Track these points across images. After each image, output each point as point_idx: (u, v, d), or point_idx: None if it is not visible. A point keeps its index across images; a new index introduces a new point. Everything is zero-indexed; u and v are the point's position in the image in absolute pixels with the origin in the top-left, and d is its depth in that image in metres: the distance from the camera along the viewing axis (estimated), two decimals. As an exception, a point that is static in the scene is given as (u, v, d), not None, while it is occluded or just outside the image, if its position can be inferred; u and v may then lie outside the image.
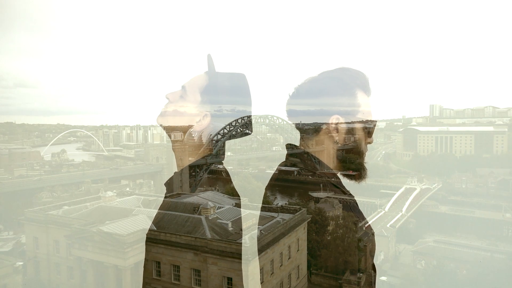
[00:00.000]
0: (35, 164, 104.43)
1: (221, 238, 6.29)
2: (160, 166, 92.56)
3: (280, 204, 5.91)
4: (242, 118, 3.74)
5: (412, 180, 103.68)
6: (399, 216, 78.38)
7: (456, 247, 64.75)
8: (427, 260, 61.19)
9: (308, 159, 3.66)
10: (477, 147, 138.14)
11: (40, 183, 74.63)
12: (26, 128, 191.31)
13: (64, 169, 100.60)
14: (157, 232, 4.85)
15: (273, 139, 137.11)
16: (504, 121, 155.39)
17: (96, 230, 32.03)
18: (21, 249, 45.59)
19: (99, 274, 33.32)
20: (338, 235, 4.54)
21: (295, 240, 5.11)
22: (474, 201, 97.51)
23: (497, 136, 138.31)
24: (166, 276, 4.91)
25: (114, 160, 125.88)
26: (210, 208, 6.09)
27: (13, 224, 53.99)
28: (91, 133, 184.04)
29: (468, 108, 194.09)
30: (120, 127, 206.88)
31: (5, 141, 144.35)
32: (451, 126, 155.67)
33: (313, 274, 4.53)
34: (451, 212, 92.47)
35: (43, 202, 55.72)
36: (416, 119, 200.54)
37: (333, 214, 4.58)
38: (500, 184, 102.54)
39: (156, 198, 42.31)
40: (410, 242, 70.51)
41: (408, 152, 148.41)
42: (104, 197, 41.50)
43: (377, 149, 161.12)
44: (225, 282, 5.53)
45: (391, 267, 61.17)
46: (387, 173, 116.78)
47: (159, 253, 4.81)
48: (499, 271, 53.49)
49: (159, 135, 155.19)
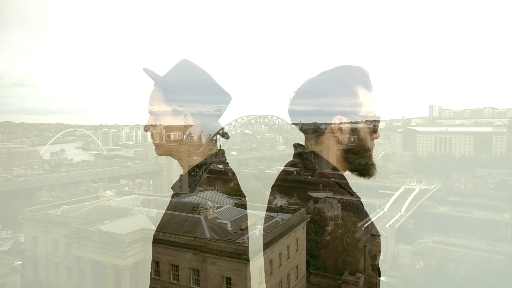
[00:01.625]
0: (34, 163, 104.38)
1: (220, 238, 6.30)
2: (159, 166, 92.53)
3: (279, 204, 5.92)
4: (242, 118, 3.72)
5: (411, 181, 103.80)
6: (398, 217, 78.49)
7: (455, 248, 64.87)
8: (426, 260, 61.29)
9: (308, 159, 3.65)
10: (476, 148, 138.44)
11: (39, 182, 74.58)
12: (25, 127, 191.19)
13: (63, 168, 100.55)
14: (156, 231, 4.85)
15: (273, 139, 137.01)
16: (503, 122, 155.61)
17: (95, 229, 32.03)
18: (19, 248, 45.54)
19: (98, 273, 33.31)
20: (337, 235, 4.54)
21: (294, 240, 5.11)
22: (473, 201, 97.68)
23: (496, 137, 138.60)
24: (165, 276, 4.90)
25: (113, 159, 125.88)
26: (209, 207, 6.09)
27: (12, 223, 53.93)
28: (90, 133, 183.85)
29: (467, 109, 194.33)
30: (120, 126, 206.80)
31: (4, 140, 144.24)
32: (450, 127, 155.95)
33: (312, 274, 4.53)
34: (450, 212, 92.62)
35: (42, 201, 55.67)
36: (415, 120, 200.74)
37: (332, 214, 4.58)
38: (499, 184, 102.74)
39: (155, 197, 42.33)
40: (409, 242, 70.61)
41: (407, 153, 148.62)
42: (103, 196, 41.52)
43: (376, 149, 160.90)
44: (224, 282, 5.54)
45: (390, 267, 61.24)
46: (386, 174, 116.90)
47: (158, 253, 4.81)
48: (498, 272, 53.59)
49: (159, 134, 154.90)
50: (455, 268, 57.75)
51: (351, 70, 3.32)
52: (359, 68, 3.32)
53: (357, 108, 3.27)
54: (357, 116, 3.29)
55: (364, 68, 3.32)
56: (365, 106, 3.27)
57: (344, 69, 3.35)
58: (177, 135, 3.48)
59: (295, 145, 3.85)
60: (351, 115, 3.30)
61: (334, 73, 3.36)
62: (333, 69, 3.39)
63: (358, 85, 3.28)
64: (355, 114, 3.29)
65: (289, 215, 5.51)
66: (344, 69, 3.35)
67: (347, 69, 3.34)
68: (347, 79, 3.30)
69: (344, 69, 3.35)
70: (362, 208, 4.01)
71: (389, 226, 72.20)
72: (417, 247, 67.10)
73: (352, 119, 3.31)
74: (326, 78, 3.36)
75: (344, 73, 3.33)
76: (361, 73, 3.31)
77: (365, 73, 3.32)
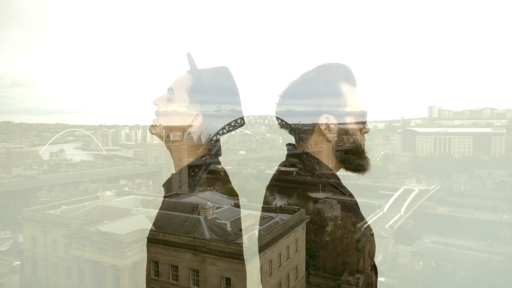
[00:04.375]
0: (33, 164, 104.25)
1: (220, 238, 6.29)
2: (159, 166, 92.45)
3: (279, 205, 5.92)
4: (242, 119, 3.72)
5: (411, 181, 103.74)
6: (397, 217, 78.44)
7: (454, 248, 64.81)
8: (425, 261, 61.26)
9: (307, 159, 3.65)
10: (476, 149, 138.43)
11: (38, 182, 74.45)
12: (25, 127, 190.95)
13: (62, 168, 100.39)
14: (156, 232, 4.84)
15: (272, 140, 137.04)
16: (502, 122, 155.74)
17: (94, 229, 31.99)
18: (18, 248, 45.43)
19: (97, 274, 33.26)
20: (337, 236, 4.54)
21: (294, 240, 5.11)
22: (472, 202, 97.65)
23: (495, 138, 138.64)
24: (164, 276, 4.90)
25: (113, 159, 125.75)
26: (209, 208, 6.09)
27: (11, 224, 53.79)
28: (89, 133, 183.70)
29: (466, 110, 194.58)
30: (119, 126, 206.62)
31: (3, 140, 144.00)
32: (449, 128, 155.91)
33: (311, 275, 4.53)
34: (450, 213, 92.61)
35: (41, 201, 55.53)
36: (414, 120, 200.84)
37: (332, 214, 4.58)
38: (498, 185, 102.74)
39: (155, 198, 42.27)
40: (409, 243, 70.57)
41: (406, 153, 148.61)
42: (102, 196, 41.47)
43: (376, 150, 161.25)
44: (223, 282, 5.54)
45: (389, 268, 61.23)
46: (385, 174, 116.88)
47: (158, 253, 4.81)
48: (497, 273, 53.59)
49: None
50: (454, 269, 57.73)
51: (332, 68, 3.31)
52: (341, 65, 3.31)
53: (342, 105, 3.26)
54: (344, 112, 3.28)
55: (346, 65, 3.31)
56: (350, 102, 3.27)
57: (325, 67, 3.34)
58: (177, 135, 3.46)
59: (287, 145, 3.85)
60: (337, 112, 3.29)
61: (315, 73, 3.35)
62: (314, 69, 3.37)
63: (341, 82, 3.27)
64: (341, 111, 3.28)
65: (288, 216, 5.51)
66: (325, 67, 3.34)
67: (328, 67, 3.33)
68: (329, 77, 3.29)
69: (325, 67, 3.33)
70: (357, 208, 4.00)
71: (389, 227, 72.15)
72: (416, 248, 67.05)
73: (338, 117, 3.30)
74: (308, 79, 3.35)
75: (326, 72, 3.32)
76: (344, 69, 3.31)
77: (347, 70, 3.31)
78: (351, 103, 3.26)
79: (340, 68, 3.29)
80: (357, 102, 3.28)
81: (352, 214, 4.20)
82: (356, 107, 3.28)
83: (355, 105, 3.27)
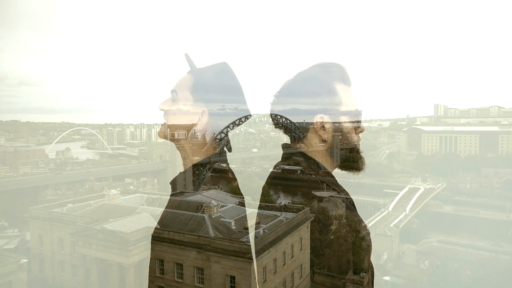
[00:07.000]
0: (40, 162, 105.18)
1: (224, 237, 6.31)
2: (163, 165, 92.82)
3: (283, 203, 5.92)
4: (246, 117, 3.72)
5: (416, 180, 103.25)
6: (402, 216, 78.16)
7: (460, 248, 64.43)
8: (430, 260, 60.97)
9: (309, 158, 3.65)
10: (482, 147, 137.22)
11: (45, 180, 75.12)
12: (31, 126, 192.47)
13: (68, 167, 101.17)
14: (161, 230, 4.87)
15: (277, 138, 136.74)
16: (509, 121, 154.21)
17: (100, 228, 32.22)
18: (25, 246, 45.92)
19: (103, 271, 33.51)
20: (342, 235, 4.53)
21: (298, 239, 5.11)
22: (478, 201, 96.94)
23: (502, 136, 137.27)
24: (169, 274, 4.93)
25: (118, 158, 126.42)
26: (213, 206, 6.10)
27: (18, 222, 54.38)
28: (95, 132, 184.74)
29: (473, 108, 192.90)
30: (124, 125, 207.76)
31: (10, 139, 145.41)
32: (455, 126, 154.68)
33: (316, 274, 4.53)
34: (455, 212, 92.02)
35: (47, 200, 56.06)
36: (420, 119, 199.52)
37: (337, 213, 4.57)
38: (505, 184, 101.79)
39: (159, 196, 42.50)
40: (414, 242, 70.27)
41: (412, 152, 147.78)
42: (108, 195, 41.75)
43: (381, 148, 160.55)
44: (228, 280, 5.55)
45: (395, 266, 61.00)
46: (391, 173, 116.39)
47: (163, 251, 4.83)
48: (503, 272, 53.19)
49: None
50: (460, 268, 57.39)
51: (327, 67, 3.30)
52: (336, 65, 3.30)
53: (337, 104, 3.25)
54: (338, 112, 3.27)
55: (340, 64, 3.30)
56: (345, 101, 3.26)
57: (319, 67, 3.33)
58: (182, 134, 3.47)
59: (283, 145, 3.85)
60: (332, 112, 3.28)
61: (310, 73, 3.34)
62: (309, 68, 3.36)
63: (335, 81, 3.26)
64: (336, 110, 3.27)
65: (293, 214, 5.50)
66: (319, 67, 3.33)
67: (322, 66, 3.32)
68: (324, 76, 3.28)
69: (320, 67, 3.32)
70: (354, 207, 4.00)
71: (394, 226, 71.89)
72: (422, 247, 66.77)
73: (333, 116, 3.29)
74: (303, 78, 3.34)
75: (320, 71, 3.31)
76: (338, 69, 3.30)
77: (342, 69, 3.30)
78: (345, 103, 3.26)
79: (335, 68, 3.29)
80: (351, 102, 3.28)
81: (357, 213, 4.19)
82: (351, 107, 3.28)
83: (350, 105, 3.27)
